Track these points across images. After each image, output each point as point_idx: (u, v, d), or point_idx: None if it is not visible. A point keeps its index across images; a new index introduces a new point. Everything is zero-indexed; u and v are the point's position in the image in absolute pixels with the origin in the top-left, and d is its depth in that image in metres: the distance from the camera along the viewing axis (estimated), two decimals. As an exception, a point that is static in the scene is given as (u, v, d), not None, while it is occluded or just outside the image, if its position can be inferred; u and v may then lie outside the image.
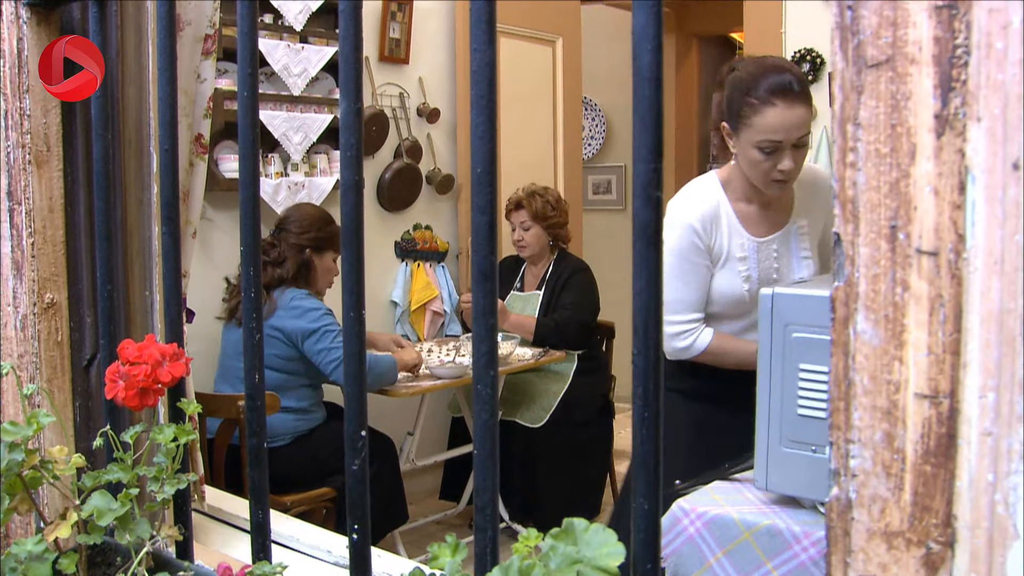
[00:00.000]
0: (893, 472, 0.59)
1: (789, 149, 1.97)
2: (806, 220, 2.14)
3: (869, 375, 0.60)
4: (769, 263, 2.12)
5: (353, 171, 0.92)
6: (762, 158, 1.98)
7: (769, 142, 1.96)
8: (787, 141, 1.96)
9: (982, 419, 0.55)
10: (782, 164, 1.97)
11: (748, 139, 1.99)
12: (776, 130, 1.95)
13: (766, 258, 2.12)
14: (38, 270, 1.39)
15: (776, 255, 2.12)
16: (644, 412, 0.74)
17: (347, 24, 0.93)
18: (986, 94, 0.55)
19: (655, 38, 0.72)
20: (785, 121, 1.95)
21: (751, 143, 1.99)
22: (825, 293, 1.47)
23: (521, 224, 3.98)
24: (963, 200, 0.56)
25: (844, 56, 0.61)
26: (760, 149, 1.97)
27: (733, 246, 2.11)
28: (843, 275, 0.61)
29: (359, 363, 0.96)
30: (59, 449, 1.17)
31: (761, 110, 1.95)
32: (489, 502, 0.86)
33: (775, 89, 1.95)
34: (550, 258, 4.08)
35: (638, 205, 0.72)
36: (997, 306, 0.55)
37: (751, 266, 2.11)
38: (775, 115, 1.95)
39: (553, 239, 4.05)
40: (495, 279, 0.84)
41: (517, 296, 4.10)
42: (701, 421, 2.20)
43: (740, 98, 2.00)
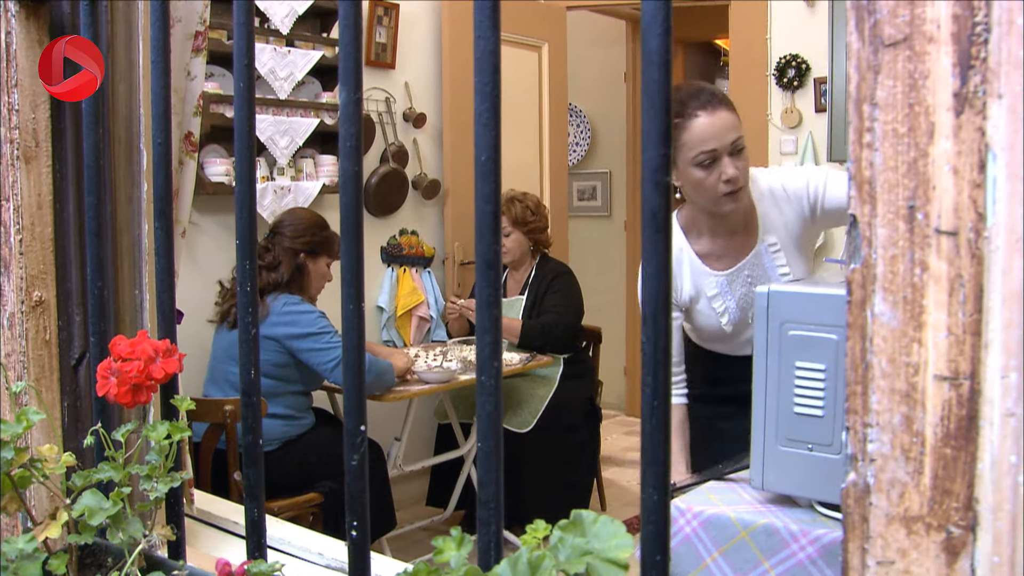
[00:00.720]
0: (912, 456, 0.59)
1: (727, 156, 1.94)
2: (775, 236, 2.08)
3: (887, 358, 0.59)
4: (745, 289, 2.09)
5: (352, 162, 0.91)
6: (703, 174, 1.95)
7: (704, 153, 1.93)
8: (722, 148, 1.93)
9: (1004, 399, 0.55)
10: (725, 173, 1.93)
11: (685, 160, 1.96)
12: (706, 138, 1.93)
13: (740, 286, 2.09)
14: (26, 267, 1.36)
15: (750, 280, 2.08)
16: (653, 401, 0.72)
17: (347, 13, 0.91)
18: (1007, 71, 0.54)
19: (664, 21, 0.71)
20: (713, 127, 1.93)
21: (689, 163, 1.95)
22: (821, 291, 1.47)
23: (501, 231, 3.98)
24: (983, 179, 0.55)
25: (860, 36, 0.60)
26: (699, 165, 1.94)
27: (704, 288, 2.10)
28: (859, 257, 0.60)
29: (358, 356, 0.95)
30: (49, 448, 1.15)
31: (687, 125, 1.94)
32: (493, 496, 0.85)
33: (694, 102, 1.95)
34: (532, 263, 4.08)
35: (647, 190, 0.72)
36: (1019, 285, 0.54)
37: (726, 300, 2.10)
38: (700, 124, 1.93)
39: (534, 244, 4.06)
40: (499, 268, 0.83)
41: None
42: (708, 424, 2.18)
43: None
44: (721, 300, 2.10)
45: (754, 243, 2.08)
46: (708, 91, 1.99)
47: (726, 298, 2.10)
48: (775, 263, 2.08)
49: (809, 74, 4.38)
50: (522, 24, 4.80)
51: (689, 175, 1.97)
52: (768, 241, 2.07)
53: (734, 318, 2.10)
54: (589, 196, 6.41)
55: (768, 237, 2.07)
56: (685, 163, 1.97)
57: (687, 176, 1.99)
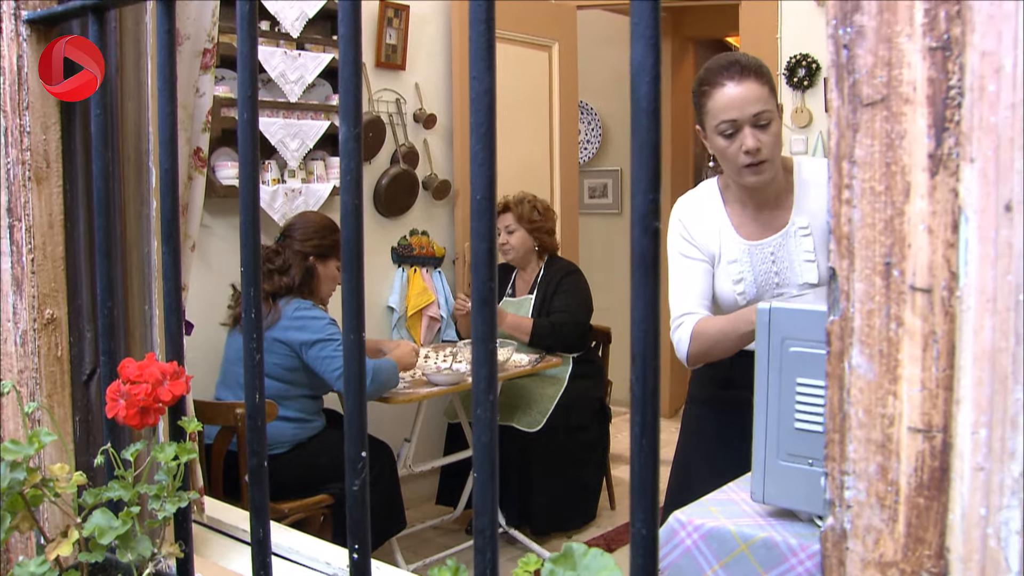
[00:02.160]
0: (887, 504, 0.60)
1: (748, 128, 1.96)
2: (807, 219, 2.07)
3: (864, 408, 0.61)
4: (767, 267, 2.08)
5: (352, 195, 0.93)
6: (725, 143, 1.99)
7: (725, 122, 1.97)
8: (743, 119, 1.96)
9: (975, 454, 0.56)
10: (745, 143, 1.96)
11: (711, 129, 2.01)
12: (728, 107, 1.96)
13: (762, 262, 2.09)
14: (38, 286, 1.39)
15: (773, 259, 2.08)
16: (642, 439, 0.74)
17: (347, 49, 0.93)
18: (979, 136, 0.56)
19: (653, 69, 0.72)
20: (736, 96, 1.96)
21: (713, 130, 2.01)
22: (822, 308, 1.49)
23: (506, 228, 4.02)
24: (956, 239, 0.57)
25: (840, 94, 0.62)
26: (721, 134, 1.99)
27: (724, 249, 2.10)
28: (838, 309, 0.62)
29: (359, 384, 0.97)
30: (60, 467, 1.17)
31: (713, 93, 1.99)
32: (488, 524, 0.87)
33: (723, 70, 1.99)
34: (540, 263, 4.10)
35: (636, 234, 0.73)
36: (990, 344, 0.56)
37: (743, 270, 2.09)
38: (725, 94, 1.97)
39: (539, 245, 4.07)
40: (495, 305, 0.84)
41: (510, 302, 4.12)
42: (723, 431, 2.19)
43: (698, 92, 2.04)
44: (739, 267, 2.10)
45: (784, 223, 2.09)
46: (742, 62, 2.00)
47: (743, 266, 2.09)
48: (802, 247, 2.07)
49: (819, 74, 4.38)
50: (533, 24, 4.80)
51: (714, 143, 2.03)
52: (799, 224, 2.07)
53: (751, 294, 2.10)
54: (600, 194, 6.42)
55: (799, 219, 2.08)
56: (711, 130, 2.02)
57: (713, 143, 2.04)
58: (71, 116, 1.42)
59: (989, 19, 0.55)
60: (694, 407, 2.30)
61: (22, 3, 1.35)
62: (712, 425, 2.22)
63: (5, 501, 1.11)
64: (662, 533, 1.56)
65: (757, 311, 1.48)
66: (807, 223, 2.07)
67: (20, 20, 1.35)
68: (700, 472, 2.18)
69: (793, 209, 2.09)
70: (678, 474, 2.28)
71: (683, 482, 2.24)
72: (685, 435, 2.33)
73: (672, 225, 2.16)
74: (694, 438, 2.27)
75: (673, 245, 2.14)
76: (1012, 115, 0.55)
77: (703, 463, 2.21)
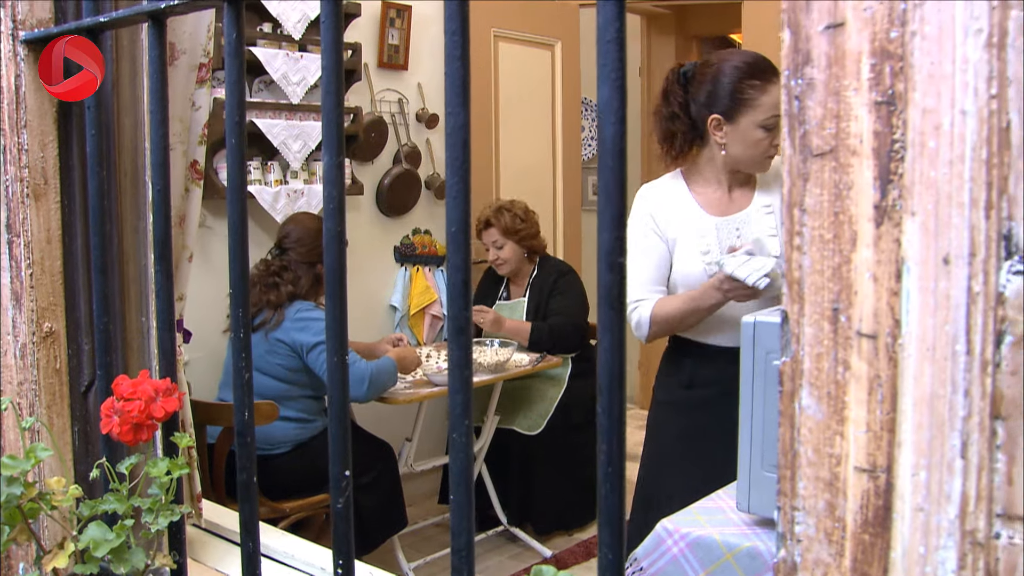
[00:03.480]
0: (835, 539, 0.63)
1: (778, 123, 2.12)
2: (770, 200, 2.24)
3: (813, 447, 0.63)
4: (732, 239, 2.20)
5: (336, 222, 0.95)
6: (764, 136, 2.13)
7: (775, 118, 2.11)
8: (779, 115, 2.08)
9: (915, 495, 0.59)
10: (777, 138, 2.13)
11: (752, 120, 2.13)
12: (779, 105, 2.08)
13: (728, 236, 2.21)
14: (36, 300, 1.42)
15: (739, 233, 2.21)
16: (608, 467, 0.77)
17: (329, 80, 0.96)
18: (920, 190, 0.58)
19: (619, 111, 0.75)
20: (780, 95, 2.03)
21: (755, 123, 2.13)
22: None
23: (494, 243, 3.98)
24: (900, 288, 0.59)
25: (792, 143, 0.64)
26: (764, 127, 2.12)
27: (691, 228, 2.21)
28: (789, 351, 0.64)
29: (343, 406, 1.00)
30: (57, 480, 1.21)
31: (769, 89, 2.12)
32: (465, 544, 0.90)
33: (770, 69, 2.14)
34: (532, 264, 4.10)
35: (602, 270, 0.76)
36: (929, 390, 0.58)
37: (711, 242, 2.20)
38: (777, 91, 2.11)
39: (528, 251, 4.07)
40: (470, 333, 0.87)
41: (503, 305, 4.12)
42: (689, 432, 2.24)
43: (742, 84, 2.13)
44: (707, 240, 2.20)
45: (749, 202, 2.24)
46: (771, 62, 2.17)
47: (711, 239, 2.20)
48: (766, 223, 2.21)
49: (821, 73, 4.38)
50: (535, 23, 4.82)
51: (751, 134, 2.14)
52: (762, 203, 2.23)
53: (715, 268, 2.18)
54: (604, 190, 6.42)
55: (762, 199, 2.24)
56: (752, 122, 2.13)
57: (747, 134, 2.14)
58: (68, 133, 1.44)
59: (929, 78, 0.58)
60: (659, 410, 2.38)
61: (19, 24, 1.38)
62: (676, 426, 2.29)
63: (3, 514, 1.14)
64: (648, 541, 1.59)
65: (742, 325, 1.50)
66: (770, 203, 2.23)
67: (18, 40, 1.38)
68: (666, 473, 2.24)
69: (757, 191, 2.26)
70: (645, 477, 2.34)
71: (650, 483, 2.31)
72: (651, 437, 2.40)
73: (636, 210, 2.28)
74: (659, 440, 2.34)
75: (635, 229, 2.25)
76: (950, 172, 0.57)
77: (669, 464, 2.26)
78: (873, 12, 0.60)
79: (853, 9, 0.60)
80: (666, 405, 2.32)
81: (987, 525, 0.57)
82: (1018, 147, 0.55)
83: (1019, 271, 0.56)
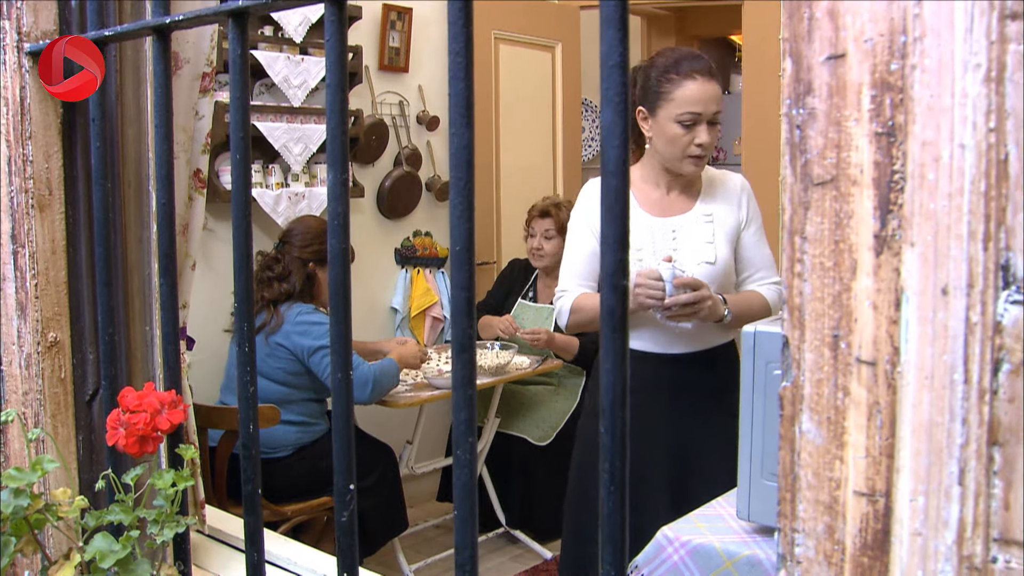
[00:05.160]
0: (834, 562, 0.64)
1: (705, 124, 2.14)
2: (711, 210, 2.26)
3: (813, 471, 0.64)
4: (667, 242, 2.24)
5: (340, 239, 0.96)
6: (682, 132, 2.15)
7: (690, 114, 2.13)
8: (705, 114, 2.14)
9: (913, 520, 0.60)
10: (699, 138, 2.14)
11: (668, 114, 2.15)
12: (696, 101, 2.13)
13: (663, 238, 2.24)
14: (41, 310, 1.43)
15: (674, 235, 2.24)
16: (611, 486, 0.78)
17: (334, 99, 0.97)
18: (919, 221, 0.59)
19: (621, 135, 0.76)
20: (704, 93, 2.14)
21: (671, 118, 2.15)
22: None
23: (544, 232, 3.94)
24: (899, 316, 0.60)
25: (793, 172, 0.65)
26: (680, 123, 2.14)
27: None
28: (790, 376, 0.65)
29: (347, 421, 1.01)
30: (62, 491, 1.22)
31: (682, 83, 2.14)
32: (468, 559, 0.91)
33: (694, 67, 2.16)
34: None
35: (606, 292, 0.77)
36: (927, 418, 0.59)
37: (643, 241, 2.24)
38: (695, 87, 2.13)
39: None
40: (474, 351, 0.88)
41: (527, 306, 4.09)
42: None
43: (661, 77, 2.17)
44: (640, 239, 2.24)
45: (689, 208, 2.28)
46: (705, 60, 2.19)
47: (644, 238, 2.24)
48: (703, 231, 2.25)
49: (821, 75, 4.39)
50: (535, 25, 4.82)
51: (668, 129, 2.17)
52: (703, 211, 2.26)
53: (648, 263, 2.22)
54: (604, 191, 6.42)
55: (703, 208, 2.27)
56: (668, 117, 2.16)
57: (665, 129, 2.17)
58: (72, 144, 1.45)
59: (929, 110, 0.58)
60: (590, 420, 2.40)
61: (24, 36, 1.39)
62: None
63: (9, 526, 1.15)
64: (649, 549, 1.60)
65: (742, 335, 1.51)
66: (710, 212, 2.26)
67: (23, 52, 1.39)
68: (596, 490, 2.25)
69: (699, 199, 2.28)
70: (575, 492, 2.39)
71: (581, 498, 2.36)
72: (580, 448, 2.44)
73: (577, 205, 2.37)
74: (590, 452, 2.36)
75: (573, 223, 2.35)
76: (949, 204, 0.58)
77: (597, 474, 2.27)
78: (874, 44, 0.60)
79: (854, 41, 0.61)
80: (594, 415, 2.35)
81: (984, 550, 0.58)
82: (1016, 179, 0.56)
83: (1017, 300, 0.57)
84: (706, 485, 2.08)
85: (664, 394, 2.23)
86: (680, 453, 2.23)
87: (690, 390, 2.23)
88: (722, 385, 2.24)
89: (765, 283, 2.32)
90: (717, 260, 2.22)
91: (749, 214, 2.29)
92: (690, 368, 2.23)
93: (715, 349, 2.28)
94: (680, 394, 2.25)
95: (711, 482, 2.09)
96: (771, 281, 2.33)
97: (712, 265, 2.21)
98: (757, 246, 2.30)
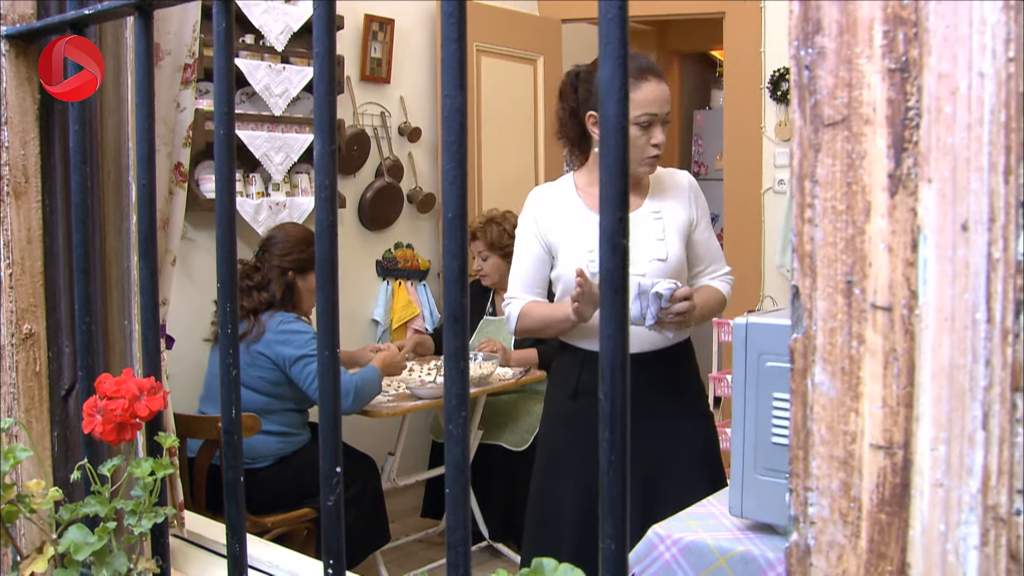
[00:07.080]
0: (850, 520, 0.61)
1: (660, 125, 2.18)
2: (660, 207, 2.28)
3: (826, 425, 0.62)
4: None
5: (327, 212, 0.93)
6: (639, 133, 2.16)
7: (647, 115, 2.15)
8: (660, 114, 2.17)
9: (934, 471, 0.57)
10: (656, 138, 2.17)
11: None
12: (652, 102, 2.16)
13: None
14: (16, 301, 1.39)
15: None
16: (611, 455, 0.75)
17: (322, 65, 0.94)
18: (936, 156, 0.57)
19: (621, 88, 0.73)
20: (659, 94, 2.17)
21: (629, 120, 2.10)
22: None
23: (479, 254, 3.92)
24: (915, 258, 0.58)
25: (802, 114, 0.63)
26: (637, 124, 2.15)
27: (575, 228, 2.26)
28: (801, 327, 0.63)
29: (334, 400, 0.97)
30: (36, 483, 1.17)
31: (638, 85, 2.15)
32: (461, 539, 0.87)
33: (645, 69, 2.17)
34: None
35: (605, 252, 0.74)
36: (948, 361, 0.56)
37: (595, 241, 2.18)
38: (650, 88, 2.16)
39: None
40: (467, 322, 0.85)
41: (490, 320, 4.08)
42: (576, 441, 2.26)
43: None
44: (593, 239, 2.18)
45: (638, 205, 2.28)
46: (652, 62, 2.23)
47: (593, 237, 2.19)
48: (652, 228, 2.25)
49: (802, 88, 4.41)
50: (518, 38, 4.83)
51: None
52: (652, 208, 2.28)
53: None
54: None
55: (652, 205, 2.28)
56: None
57: None
58: (50, 131, 1.42)
59: (945, 41, 0.56)
60: (548, 424, 2.39)
61: (1, 19, 1.36)
62: (563, 437, 2.30)
63: (-20, 517, 1.10)
64: (640, 547, 1.57)
65: (734, 326, 1.49)
66: (659, 209, 2.27)
67: (0, 35, 1.35)
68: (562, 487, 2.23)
69: (648, 196, 2.30)
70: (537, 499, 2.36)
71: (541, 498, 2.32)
72: (540, 450, 2.41)
73: (524, 212, 2.37)
74: (550, 457, 2.34)
75: (520, 231, 2.36)
76: (968, 136, 0.56)
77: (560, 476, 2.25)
78: (886, -22, 0.58)
79: (865, -25, 0.59)
80: (556, 420, 2.34)
81: (1008, 500, 0.56)
82: (1036, 112, 0.54)
83: (1038, 239, 0.54)
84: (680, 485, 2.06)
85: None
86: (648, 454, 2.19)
87: (654, 390, 2.20)
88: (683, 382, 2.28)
89: (717, 276, 2.38)
90: (668, 257, 2.23)
91: (699, 211, 2.33)
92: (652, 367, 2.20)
93: (676, 346, 2.27)
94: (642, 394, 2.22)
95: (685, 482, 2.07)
96: (722, 273, 2.39)
97: (663, 262, 2.22)
98: (708, 241, 2.35)
